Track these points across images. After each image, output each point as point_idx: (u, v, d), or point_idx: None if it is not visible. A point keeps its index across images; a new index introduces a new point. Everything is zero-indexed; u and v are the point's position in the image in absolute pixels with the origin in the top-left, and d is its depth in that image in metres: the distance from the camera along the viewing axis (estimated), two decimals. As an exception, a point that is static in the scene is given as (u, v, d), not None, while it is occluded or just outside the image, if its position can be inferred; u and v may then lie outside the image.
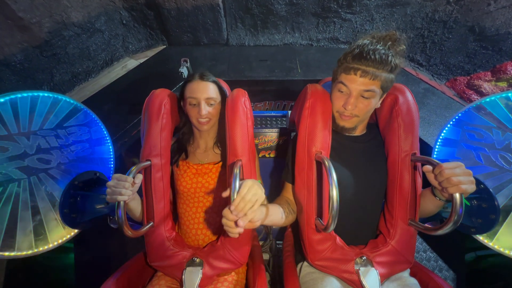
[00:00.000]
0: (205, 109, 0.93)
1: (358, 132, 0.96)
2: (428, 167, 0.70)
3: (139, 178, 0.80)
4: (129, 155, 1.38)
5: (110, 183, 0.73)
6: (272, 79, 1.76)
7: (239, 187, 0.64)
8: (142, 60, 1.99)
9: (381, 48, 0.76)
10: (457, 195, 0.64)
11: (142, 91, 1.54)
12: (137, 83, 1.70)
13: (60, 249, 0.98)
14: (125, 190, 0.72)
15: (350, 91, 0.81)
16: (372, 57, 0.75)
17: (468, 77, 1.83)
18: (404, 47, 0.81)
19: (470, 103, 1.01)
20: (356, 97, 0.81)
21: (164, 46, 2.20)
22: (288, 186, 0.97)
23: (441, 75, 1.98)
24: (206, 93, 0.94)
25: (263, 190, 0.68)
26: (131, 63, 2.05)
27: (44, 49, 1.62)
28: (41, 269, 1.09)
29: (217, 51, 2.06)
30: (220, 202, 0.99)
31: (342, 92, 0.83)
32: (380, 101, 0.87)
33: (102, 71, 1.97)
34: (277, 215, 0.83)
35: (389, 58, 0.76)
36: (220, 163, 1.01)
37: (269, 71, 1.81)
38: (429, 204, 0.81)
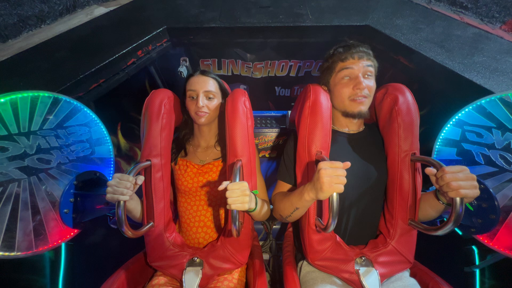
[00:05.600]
0: (203, 102, 0.95)
1: (357, 127, 0.97)
2: (431, 170, 0.70)
3: (141, 179, 0.80)
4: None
5: (111, 182, 0.73)
6: (276, 26, 1.44)
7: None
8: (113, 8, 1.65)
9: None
10: (457, 198, 0.63)
11: (107, 39, 1.36)
12: (101, 31, 1.42)
13: (60, 249, 0.98)
14: (126, 190, 0.72)
15: (355, 72, 0.87)
16: (356, 45, 0.88)
17: (535, 15, 1.39)
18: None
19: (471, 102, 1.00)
20: (363, 77, 0.86)
21: (142, -6, 1.83)
22: (283, 186, 0.97)
23: (493, 18, 1.57)
24: (205, 86, 0.96)
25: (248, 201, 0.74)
26: (100, 11, 1.66)
27: (-24, -20, 1.24)
28: (41, 269, 1.09)
29: (207, -2, 1.68)
30: (221, 200, 0.99)
31: (347, 77, 0.88)
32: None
33: (61, 18, 1.61)
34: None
35: (367, 47, 0.90)
36: (220, 159, 1.02)
37: (272, 17, 1.47)
38: (431, 209, 0.80)
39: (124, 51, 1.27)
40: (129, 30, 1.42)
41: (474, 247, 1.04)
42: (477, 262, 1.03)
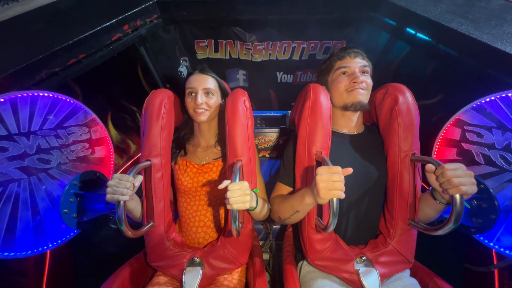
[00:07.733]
0: (202, 99, 0.96)
1: (357, 128, 0.97)
2: (431, 167, 0.70)
3: (139, 179, 0.80)
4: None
5: (111, 182, 0.73)
6: None
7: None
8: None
9: None
10: (457, 195, 0.64)
11: (89, 13, 1.23)
12: (84, 4, 1.30)
13: (59, 249, 0.98)
14: (126, 190, 0.72)
15: (351, 68, 0.92)
16: (352, 47, 0.96)
17: None
18: None
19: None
20: (359, 73, 0.91)
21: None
22: (282, 189, 0.96)
23: (522, -10, 1.37)
24: (204, 83, 0.98)
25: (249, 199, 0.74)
26: (86, -15, 1.47)
27: None
28: (41, 269, 1.09)
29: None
30: (221, 200, 0.99)
31: (344, 74, 0.94)
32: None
33: (42, -8, 1.42)
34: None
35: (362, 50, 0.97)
36: (220, 159, 1.02)
37: None
38: (429, 209, 0.80)
39: (107, 24, 1.14)
40: (116, 3, 1.29)
41: (473, 247, 1.04)
42: (476, 262, 1.03)
